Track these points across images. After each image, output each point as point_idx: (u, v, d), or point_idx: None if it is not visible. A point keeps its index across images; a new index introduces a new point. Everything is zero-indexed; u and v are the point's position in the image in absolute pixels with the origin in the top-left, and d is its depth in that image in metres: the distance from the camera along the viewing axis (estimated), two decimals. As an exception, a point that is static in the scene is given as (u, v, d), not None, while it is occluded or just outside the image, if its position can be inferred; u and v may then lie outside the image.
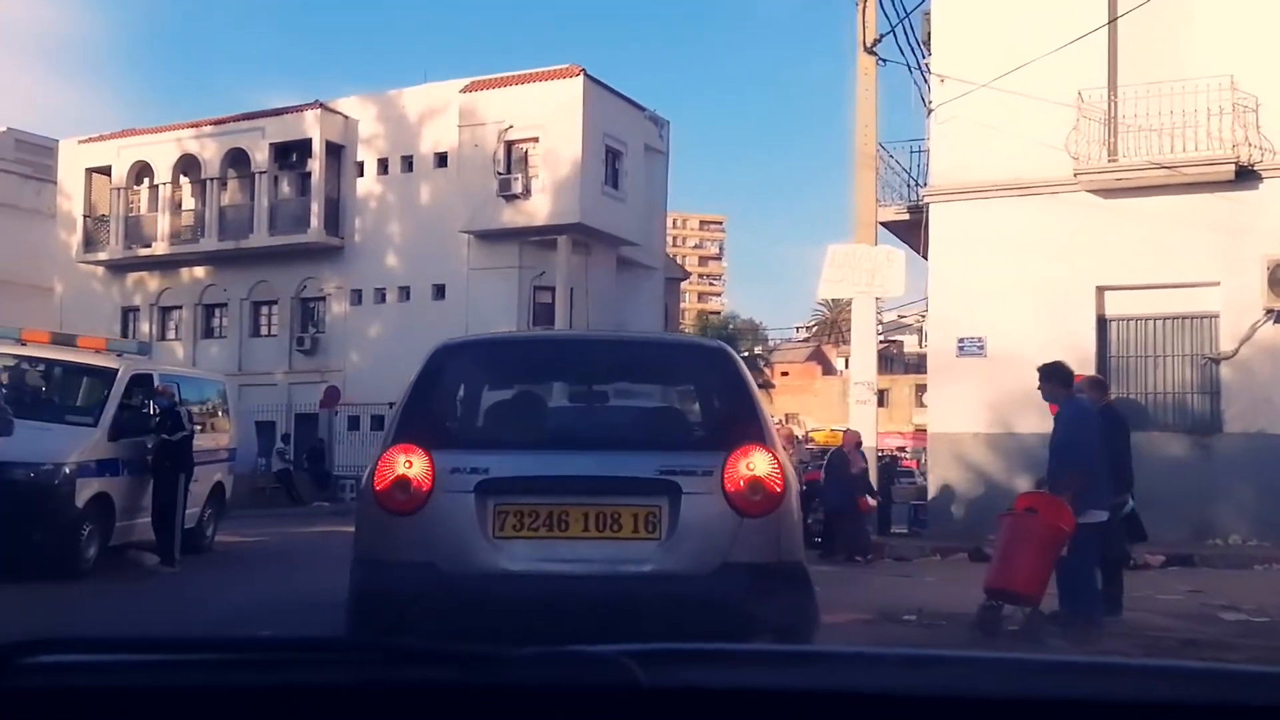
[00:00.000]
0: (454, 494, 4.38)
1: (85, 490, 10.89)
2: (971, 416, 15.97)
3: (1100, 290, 15.72)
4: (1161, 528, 11.27)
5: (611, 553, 4.38)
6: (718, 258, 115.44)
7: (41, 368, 12.29)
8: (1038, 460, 13.10)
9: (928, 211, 16.59)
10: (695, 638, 3.63)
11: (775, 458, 4.51)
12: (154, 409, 12.11)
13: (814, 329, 78.21)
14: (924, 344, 66.29)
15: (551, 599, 4.27)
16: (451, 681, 1.22)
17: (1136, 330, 15.77)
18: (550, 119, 30.22)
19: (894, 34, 16.82)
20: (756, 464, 4.43)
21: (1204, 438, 15.17)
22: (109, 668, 1.26)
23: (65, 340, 12.69)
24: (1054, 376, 7.98)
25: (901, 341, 63.34)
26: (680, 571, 4.37)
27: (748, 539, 4.41)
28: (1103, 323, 15.81)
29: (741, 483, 4.40)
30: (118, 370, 11.99)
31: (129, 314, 36.80)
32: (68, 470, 10.76)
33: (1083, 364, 15.11)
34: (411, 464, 4.40)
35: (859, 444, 15.28)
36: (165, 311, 36.69)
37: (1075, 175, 15.45)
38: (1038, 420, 13.85)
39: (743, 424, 4.62)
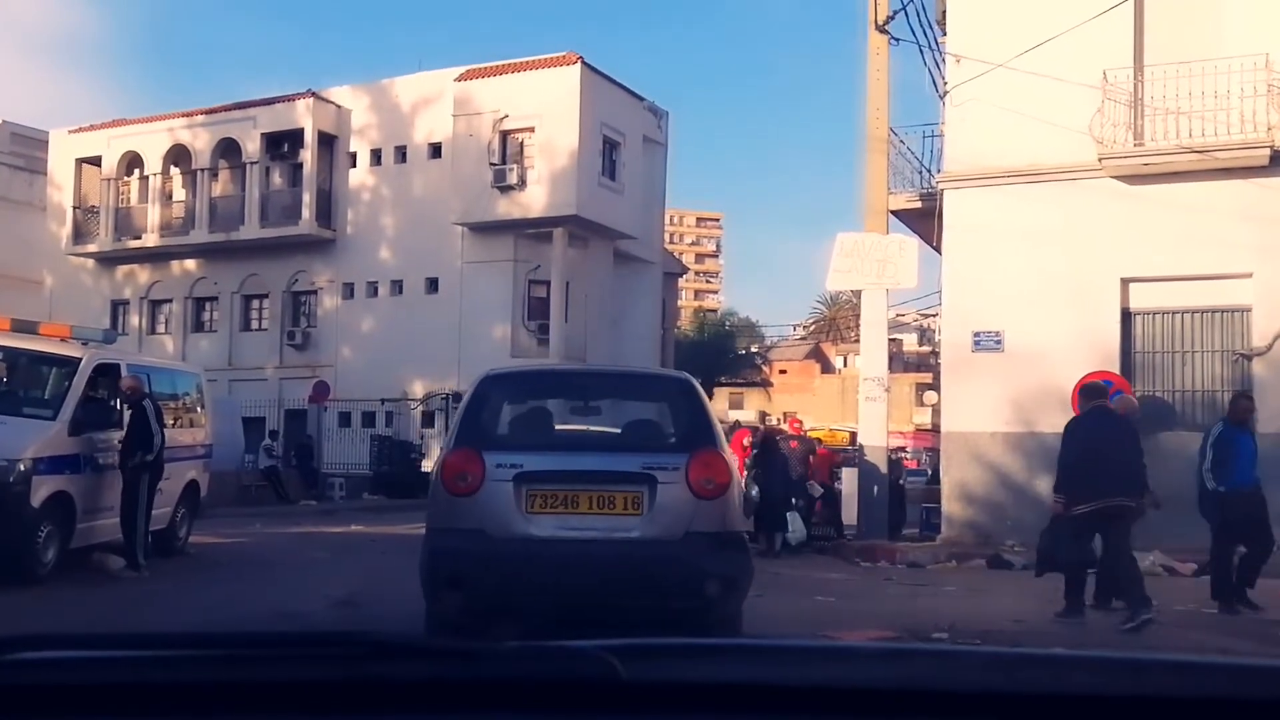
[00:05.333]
0: (499, 482, 6.02)
1: (42, 488, 10.27)
2: (988, 414, 15.21)
3: (1125, 282, 14.98)
4: (1190, 534, 10.59)
5: (609, 524, 6.03)
6: (715, 255, 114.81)
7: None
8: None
9: (942, 199, 15.83)
10: (667, 585, 5.84)
11: (723, 457, 6.28)
12: (119, 404, 11.38)
13: (812, 327, 77.54)
14: (923, 342, 66.01)
15: (567, 556, 5.96)
16: (432, 676, 1.26)
17: (1163, 325, 15.02)
18: (547, 108, 29.54)
19: (905, 13, 16.08)
20: (710, 462, 6.13)
21: (1234, 438, 14.34)
22: (92, 664, 1.29)
23: (26, 327, 11.90)
24: None
25: (900, 340, 62.80)
26: (657, 537, 6.01)
27: (703, 515, 6.07)
28: (1127, 316, 15.07)
29: (699, 475, 6.05)
30: (80, 360, 11.26)
31: (119, 307, 36.35)
32: (23, 467, 10.13)
33: (1106, 360, 14.41)
34: (469, 461, 6.11)
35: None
36: (155, 305, 36.29)
37: (1099, 160, 14.72)
38: (1059, 418, 13.09)
39: (700, 433, 6.36)
